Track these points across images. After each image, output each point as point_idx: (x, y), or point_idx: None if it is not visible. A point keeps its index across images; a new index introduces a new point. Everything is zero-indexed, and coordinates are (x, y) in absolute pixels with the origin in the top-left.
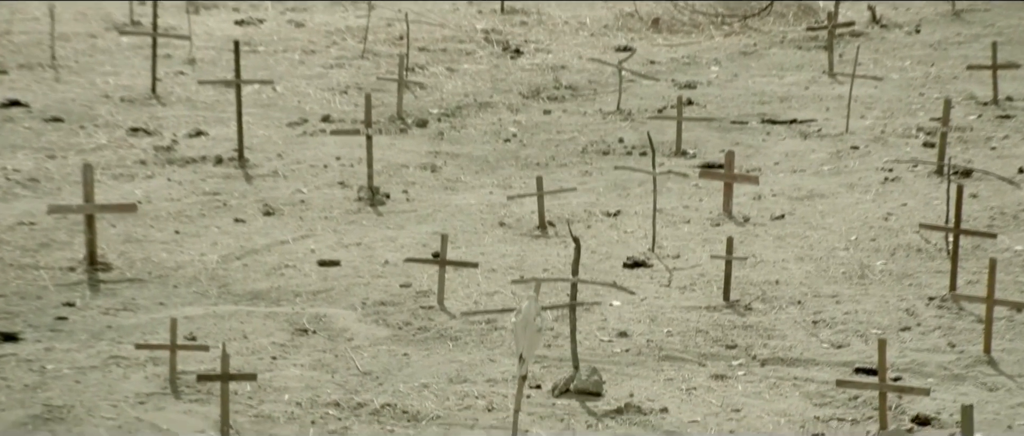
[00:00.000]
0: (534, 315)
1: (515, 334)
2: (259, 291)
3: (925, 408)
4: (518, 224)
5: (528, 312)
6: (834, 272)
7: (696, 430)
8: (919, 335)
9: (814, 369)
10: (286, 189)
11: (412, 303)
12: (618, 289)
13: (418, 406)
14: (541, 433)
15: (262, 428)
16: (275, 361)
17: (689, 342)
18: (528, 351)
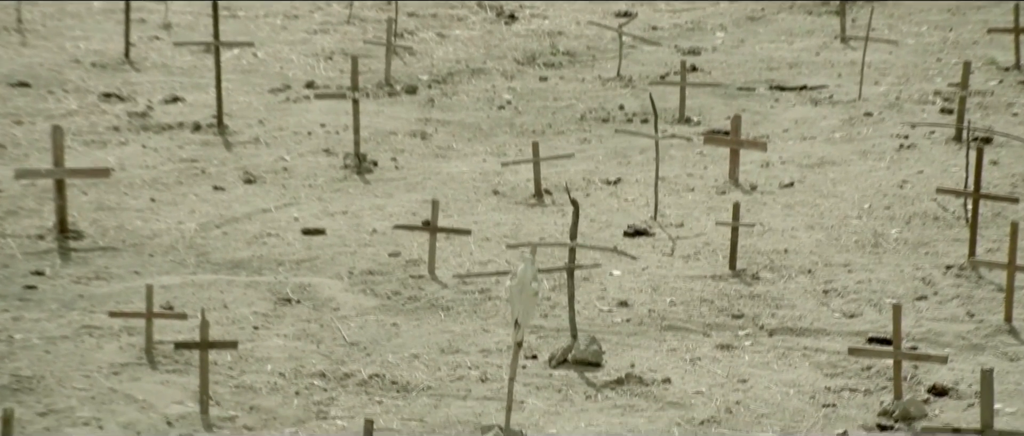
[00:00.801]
0: (530, 278)
1: (510, 299)
2: (240, 260)
3: (942, 378)
4: (513, 192)
5: (524, 275)
6: (846, 241)
7: (700, 401)
8: (936, 304)
9: (825, 339)
10: (268, 156)
11: (401, 272)
12: (619, 254)
13: (408, 377)
14: (538, 404)
15: (243, 399)
16: (257, 331)
17: (693, 312)
18: (524, 316)
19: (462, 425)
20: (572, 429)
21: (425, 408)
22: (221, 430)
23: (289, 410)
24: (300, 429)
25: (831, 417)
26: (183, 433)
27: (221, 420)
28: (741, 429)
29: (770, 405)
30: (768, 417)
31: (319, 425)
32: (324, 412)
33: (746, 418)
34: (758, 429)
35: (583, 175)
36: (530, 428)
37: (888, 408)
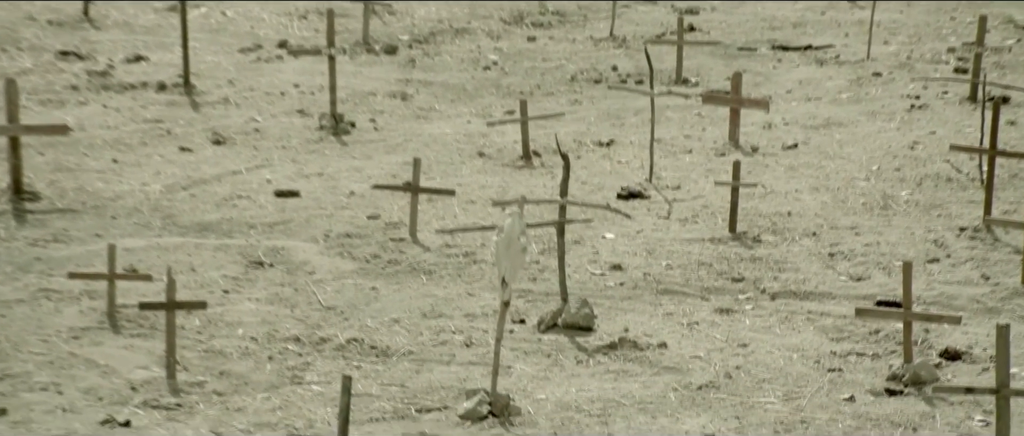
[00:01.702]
0: (518, 233)
1: (496, 255)
2: (208, 223)
3: (955, 342)
4: (499, 154)
5: (511, 230)
6: (853, 203)
7: (698, 366)
8: (949, 267)
9: (830, 302)
10: (238, 117)
11: (381, 235)
12: (612, 212)
13: (388, 341)
14: (526, 369)
15: (212, 364)
16: (227, 295)
17: (691, 275)
18: (511, 273)
19: (446, 390)
20: (562, 394)
21: (406, 373)
22: (189, 395)
23: (262, 375)
24: (273, 395)
25: (837, 382)
26: (148, 397)
27: (189, 385)
28: (741, 394)
29: (772, 370)
30: (770, 382)
31: (294, 390)
32: (299, 377)
33: (747, 383)
34: (759, 394)
35: (574, 137)
36: (518, 393)
37: (897, 372)
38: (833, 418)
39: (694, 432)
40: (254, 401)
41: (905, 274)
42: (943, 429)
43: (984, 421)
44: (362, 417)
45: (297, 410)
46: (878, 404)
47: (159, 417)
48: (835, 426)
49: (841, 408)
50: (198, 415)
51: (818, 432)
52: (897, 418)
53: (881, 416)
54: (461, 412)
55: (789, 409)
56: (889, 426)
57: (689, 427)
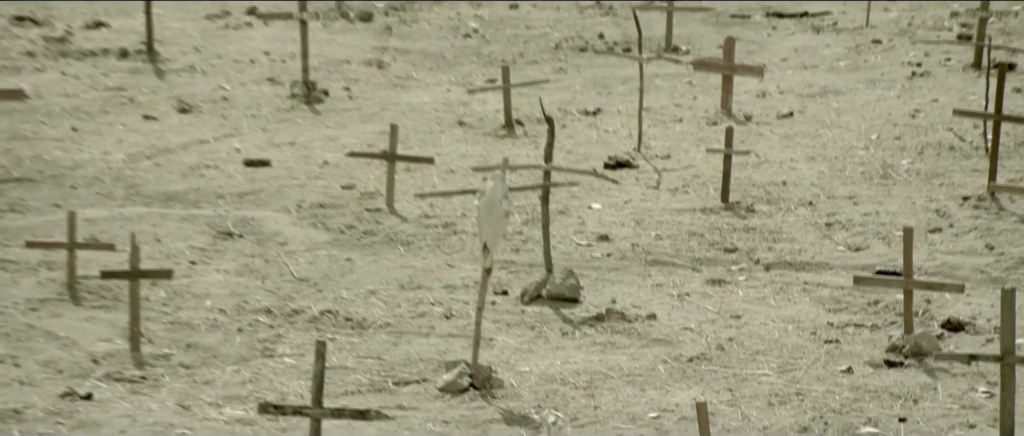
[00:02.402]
0: (500, 197)
1: (478, 220)
2: (174, 193)
3: (958, 312)
4: (480, 123)
5: (493, 194)
6: (851, 172)
7: (689, 337)
8: (951, 237)
9: (827, 273)
10: (205, 85)
11: (356, 205)
12: (599, 177)
13: (364, 313)
14: (508, 341)
15: (179, 336)
16: (194, 266)
17: (681, 246)
18: (493, 239)
19: (424, 363)
20: (546, 366)
21: (383, 345)
22: (154, 368)
23: (231, 348)
24: (243, 367)
25: (834, 354)
26: (110, 370)
27: (154, 358)
28: (734, 366)
29: (766, 341)
30: (764, 354)
31: (265, 363)
32: (270, 350)
33: (740, 355)
34: (753, 366)
35: (559, 105)
36: (500, 366)
37: (897, 343)
38: (830, 390)
39: (685, 404)
40: (223, 374)
41: (906, 241)
42: (945, 401)
43: (988, 392)
44: (337, 390)
45: (268, 383)
46: (877, 376)
47: (122, 390)
48: (832, 398)
49: (838, 380)
50: (164, 388)
51: (814, 404)
52: (897, 390)
53: (880, 388)
54: (441, 385)
55: (784, 381)
56: (888, 398)
57: (680, 399)
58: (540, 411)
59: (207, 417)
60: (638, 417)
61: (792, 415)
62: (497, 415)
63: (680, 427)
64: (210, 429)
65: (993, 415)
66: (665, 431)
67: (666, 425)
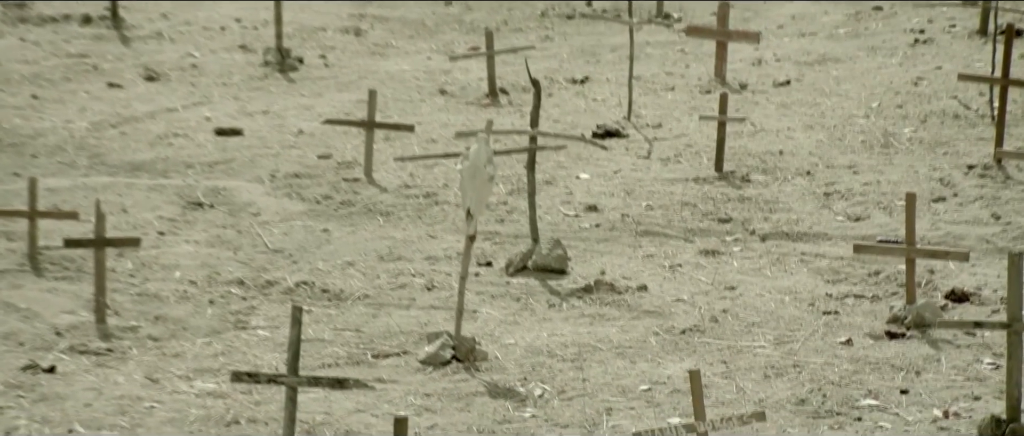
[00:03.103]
0: (484, 161)
1: (461, 185)
2: (141, 162)
3: (963, 283)
4: (462, 92)
5: (477, 158)
6: (851, 141)
7: (682, 309)
8: (956, 206)
9: (826, 243)
10: (173, 53)
11: (333, 175)
12: (587, 143)
13: (341, 285)
14: (493, 313)
15: (147, 308)
16: (163, 237)
17: (673, 216)
18: (477, 205)
19: (405, 335)
20: (533, 339)
21: (362, 318)
22: (120, 340)
23: (202, 320)
24: (215, 340)
25: (833, 325)
26: (74, 342)
27: (121, 330)
28: (729, 338)
29: (762, 313)
30: (760, 326)
31: (237, 335)
32: (243, 322)
33: (735, 327)
34: (748, 338)
35: (545, 74)
36: (485, 338)
37: (899, 314)
38: (828, 362)
39: (677, 377)
40: (193, 346)
41: (908, 207)
42: (949, 372)
43: (993, 364)
44: (313, 363)
45: (242, 356)
46: (878, 348)
47: (87, 363)
48: (831, 370)
49: (837, 352)
50: (131, 361)
51: (812, 377)
52: (898, 362)
53: (881, 360)
54: (422, 357)
55: (780, 353)
56: (890, 370)
57: (672, 372)
58: (526, 384)
59: (177, 390)
60: (628, 390)
61: (789, 388)
62: (481, 388)
63: (672, 400)
64: (180, 402)
65: (999, 387)
66: (657, 404)
67: (658, 398)
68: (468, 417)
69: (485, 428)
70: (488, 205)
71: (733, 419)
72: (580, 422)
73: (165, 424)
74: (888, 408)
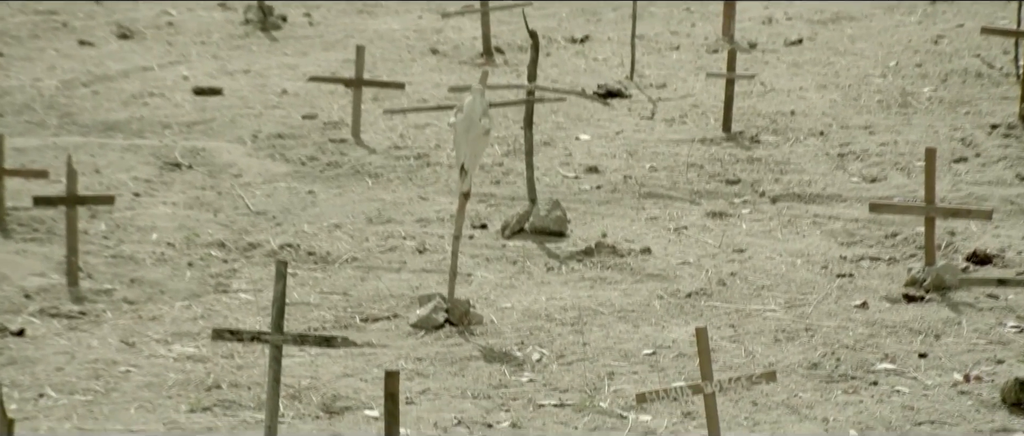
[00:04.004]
0: (479, 114)
1: (455, 139)
2: (115, 122)
3: (986, 244)
4: (456, 52)
5: (471, 110)
6: (867, 101)
7: (688, 272)
8: (978, 167)
9: (840, 205)
10: (148, 10)
11: (318, 136)
12: (587, 98)
13: (328, 247)
14: (488, 276)
15: (122, 271)
16: (138, 198)
17: (678, 178)
18: (471, 159)
19: (395, 299)
20: (530, 303)
21: (350, 281)
22: (94, 304)
23: (180, 283)
24: (194, 303)
25: (847, 288)
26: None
27: (94, 293)
28: (737, 301)
29: (772, 276)
30: (770, 289)
31: (218, 299)
32: (224, 285)
33: (743, 290)
34: (758, 302)
35: (543, 33)
36: (480, 302)
37: (918, 276)
38: (842, 326)
39: (683, 340)
40: (172, 310)
41: (928, 163)
42: (970, 336)
43: (1018, 327)
44: (299, 327)
45: (222, 319)
46: (895, 311)
47: (59, 326)
48: (845, 334)
49: (852, 315)
50: (105, 324)
51: (825, 340)
52: (917, 325)
53: (898, 323)
54: (413, 321)
55: (792, 317)
56: (907, 334)
57: (677, 335)
58: (523, 348)
59: (154, 354)
60: (631, 354)
61: (800, 351)
62: (476, 352)
63: (677, 364)
64: (158, 366)
65: (1023, 350)
66: (661, 368)
67: (662, 362)
68: (462, 381)
69: (480, 393)
70: (483, 166)
71: (742, 380)
72: (580, 387)
73: (142, 389)
74: (905, 372)
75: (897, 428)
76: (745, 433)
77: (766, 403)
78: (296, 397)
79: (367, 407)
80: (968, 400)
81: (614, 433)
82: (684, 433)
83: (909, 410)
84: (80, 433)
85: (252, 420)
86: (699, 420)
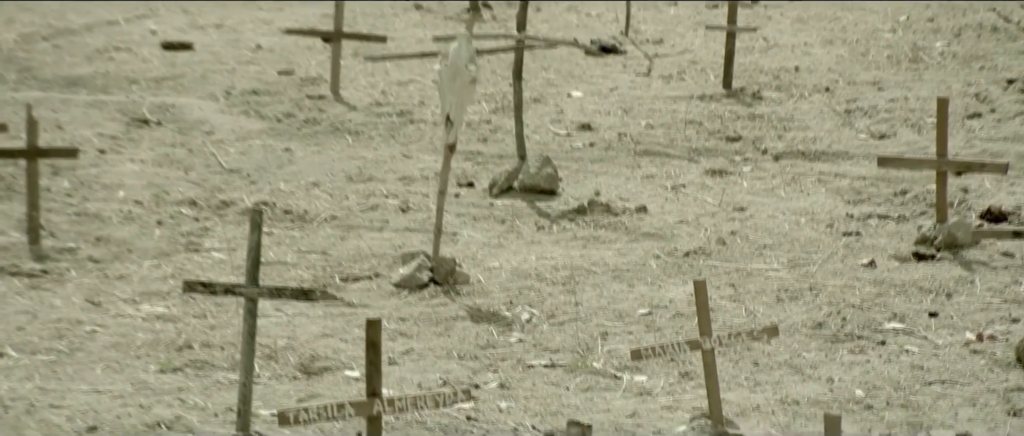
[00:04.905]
0: (466, 61)
1: (440, 87)
2: (78, 77)
3: (1001, 202)
4: (441, 6)
5: (457, 57)
6: (876, 56)
7: (685, 231)
8: (993, 123)
9: (846, 163)
10: None
11: (295, 92)
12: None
13: (305, 206)
14: (475, 235)
15: (87, 229)
16: (104, 155)
17: (676, 135)
18: (457, 110)
19: (377, 258)
20: (519, 262)
21: (329, 240)
22: (57, 263)
23: (149, 242)
24: (164, 262)
25: (854, 247)
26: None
27: (57, 252)
28: (737, 261)
29: (775, 235)
30: (772, 248)
31: (189, 258)
32: (195, 244)
33: (744, 249)
34: (759, 261)
35: None
36: (466, 261)
37: (928, 234)
38: (849, 285)
39: (680, 300)
40: (140, 269)
41: (940, 114)
42: (984, 294)
43: None
44: None
45: (194, 278)
46: (904, 270)
47: (20, 285)
48: (851, 293)
49: (858, 274)
50: (69, 283)
51: (830, 299)
52: (927, 284)
53: (908, 282)
54: (396, 280)
55: (795, 276)
56: (917, 293)
57: (674, 295)
58: (512, 308)
59: (121, 313)
60: (626, 314)
61: (804, 311)
62: (462, 312)
63: (674, 323)
64: (125, 326)
65: None
66: (657, 328)
67: (659, 322)
68: (448, 342)
69: (467, 353)
70: (469, 123)
71: (742, 335)
72: (572, 347)
73: (108, 349)
74: (915, 331)
75: (906, 388)
76: (746, 393)
77: (768, 363)
78: (272, 357)
79: (347, 368)
80: (981, 359)
81: (608, 394)
82: (681, 394)
83: (919, 370)
84: (43, 393)
85: (226, 381)
86: (697, 380)
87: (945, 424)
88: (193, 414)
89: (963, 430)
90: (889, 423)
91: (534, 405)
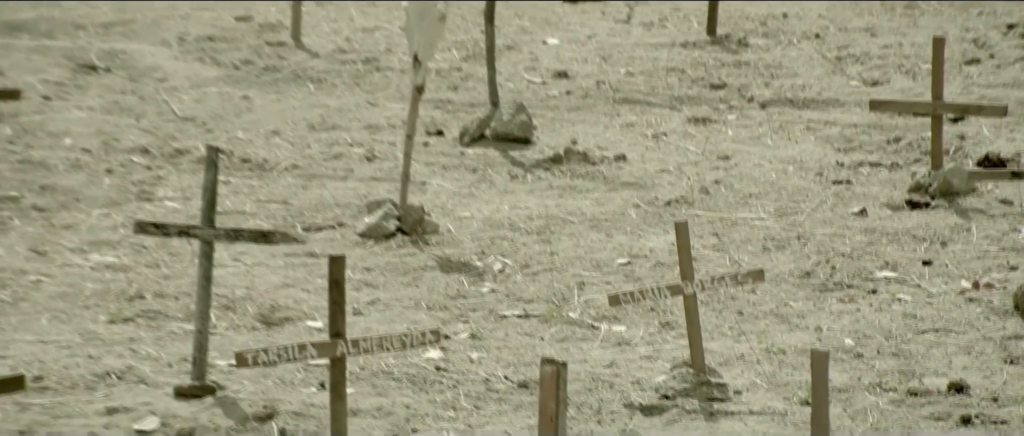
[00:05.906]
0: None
1: (407, 26)
2: (21, 22)
3: (999, 149)
4: None
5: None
6: (869, 2)
7: (667, 180)
8: (992, 69)
9: (837, 110)
10: None
11: (254, 39)
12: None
13: (265, 154)
14: (445, 185)
15: (31, 177)
16: (49, 102)
17: (657, 83)
18: (425, 50)
19: (341, 208)
20: (492, 212)
21: (290, 189)
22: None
23: (97, 190)
24: (114, 211)
25: (844, 196)
26: None
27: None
28: (722, 210)
29: (761, 183)
30: (758, 197)
31: (141, 207)
32: (148, 193)
33: (729, 198)
34: (745, 210)
35: None
36: (435, 210)
37: (922, 181)
38: (838, 233)
39: (661, 249)
40: (88, 218)
41: (936, 55)
42: (981, 242)
43: None
44: None
45: None
46: (897, 218)
47: None
48: (841, 242)
49: (849, 223)
50: (12, 232)
51: (819, 248)
52: (921, 232)
53: (900, 230)
54: (361, 229)
55: (782, 225)
56: (911, 241)
57: (654, 244)
58: (484, 258)
59: (69, 263)
60: (604, 264)
61: (792, 260)
62: (431, 262)
63: (655, 273)
64: (73, 276)
65: None
66: (637, 278)
67: (638, 272)
68: (416, 292)
69: (436, 304)
70: (438, 70)
71: (725, 279)
72: (547, 297)
73: (55, 298)
74: (908, 280)
75: (898, 336)
76: (730, 343)
77: (753, 313)
78: (230, 307)
79: (309, 318)
80: (977, 307)
81: (585, 344)
82: (661, 343)
83: (911, 318)
84: None
85: (180, 331)
86: (678, 330)
87: (938, 372)
88: (145, 364)
89: (957, 377)
90: (880, 371)
91: (507, 355)
